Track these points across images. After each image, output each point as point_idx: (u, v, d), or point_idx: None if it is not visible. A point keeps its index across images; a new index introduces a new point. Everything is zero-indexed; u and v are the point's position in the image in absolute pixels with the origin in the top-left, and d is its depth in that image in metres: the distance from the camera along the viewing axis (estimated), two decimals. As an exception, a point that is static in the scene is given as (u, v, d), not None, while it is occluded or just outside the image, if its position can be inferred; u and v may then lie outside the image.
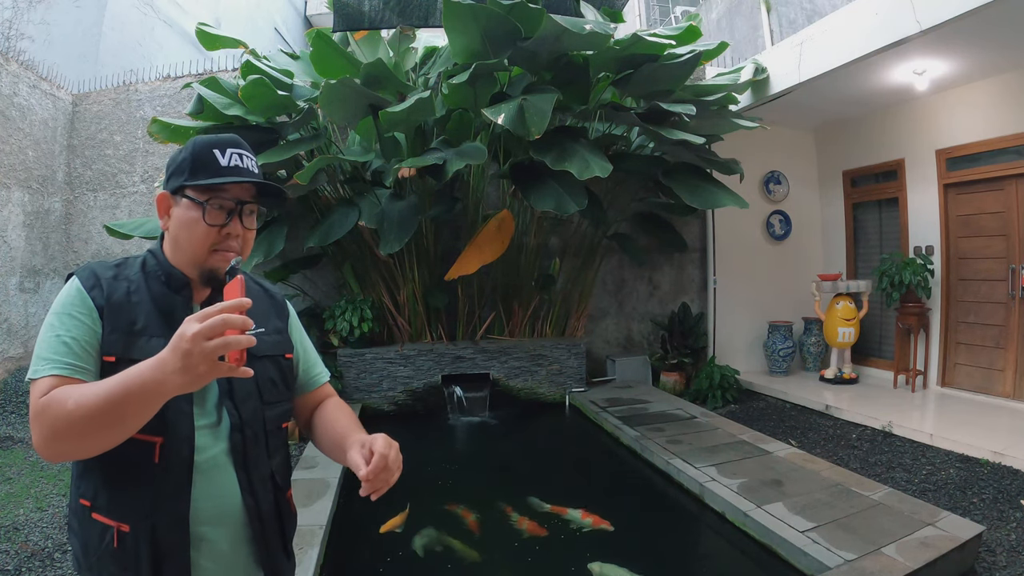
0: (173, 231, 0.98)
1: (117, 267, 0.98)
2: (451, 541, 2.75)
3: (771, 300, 6.27)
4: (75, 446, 0.79)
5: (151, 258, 1.01)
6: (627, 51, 4.03)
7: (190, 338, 0.71)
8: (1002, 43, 3.98)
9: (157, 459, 0.89)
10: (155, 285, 0.97)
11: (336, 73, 4.24)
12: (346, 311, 4.83)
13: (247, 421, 0.99)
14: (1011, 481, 3.27)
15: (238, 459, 0.97)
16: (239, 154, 0.98)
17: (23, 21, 6.33)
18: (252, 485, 0.98)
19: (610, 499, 3.31)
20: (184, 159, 0.97)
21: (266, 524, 1.00)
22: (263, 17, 10.55)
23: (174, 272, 0.98)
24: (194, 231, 0.95)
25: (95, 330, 0.89)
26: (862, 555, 2.27)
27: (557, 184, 4.21)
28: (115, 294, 0.93)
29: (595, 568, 2.57)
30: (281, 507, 1.05)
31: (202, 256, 0.96)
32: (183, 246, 0.97)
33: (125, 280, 0.96)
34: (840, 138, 6.20)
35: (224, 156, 0.96)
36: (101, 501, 0.90)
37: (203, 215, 0.94)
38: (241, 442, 0.97)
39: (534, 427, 4.95)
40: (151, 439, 0.88)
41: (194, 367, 0.72)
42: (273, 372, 1.06)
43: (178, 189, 0.96)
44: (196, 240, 0.95)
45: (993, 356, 4.78)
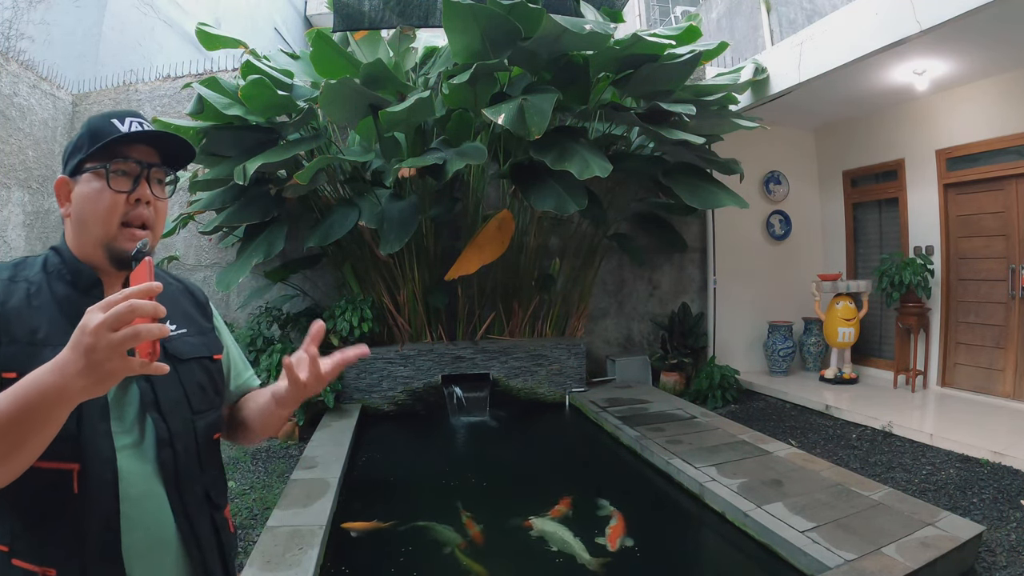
0: (76, 212, 0.87)
1: (15, 267, 0.86)
2: (451, 541, 2.75)
3: (771, 300, 6.27)
4: None
5: (53, 256, 0.88)
6: (627, 51, 4.03)
7: (93, 330, 0.61)
8: (1002, 43, 3.98)
9: (76, 489, 0.77)
10: (59, 286, 0.85)
11: (336, 73, 4.23)
12: (346, 311, 4.83)
13: (177, 434, 0.87)
14: (1011, 481, 3.27)
15: (169, 479, 0.85)
16: (139, 122, 0.89)
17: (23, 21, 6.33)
18: (186, 508, 0.87)
19: (610, 499, 3.31)
20: (80, 136, 0.88)
21: (204, 550, 0.90)
22: (263, 17, 10.55)
23: (82, 269, 0.87)
24: (100, 202, 0.85)
25: None
26: (862, 555, 2.27)
27: (557, 184, 4.21)
28: (11, 299, 0.80)
29: (535, 523, 2.87)
30: (219, 528, 0.94)
31: (111, 232, 0.85)
32: (89, 224, 0.86)
33: (24, 282, 0.83)
34: (840, 138, 6.20)
35: (124, 124, 0.87)
36: (20, 544, 0.77)
37: (107, 181, 0.84)
38: (172, 459, 0.86)
39: (534, 427, 4.95)
40: (66, 467, 0.76)
41: (100, 364, 0.61)
42: (201, 376, 0.95)
43: (77, 167, 0.87)
44: (103, 212, 0.85)
45: (993, 356, 4.78)
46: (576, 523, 2.93)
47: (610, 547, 2.64)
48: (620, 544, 2.65)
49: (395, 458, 4.11)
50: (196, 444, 0.92)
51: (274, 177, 4.76)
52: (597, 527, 2.81)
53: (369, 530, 2.85)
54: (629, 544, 2.67)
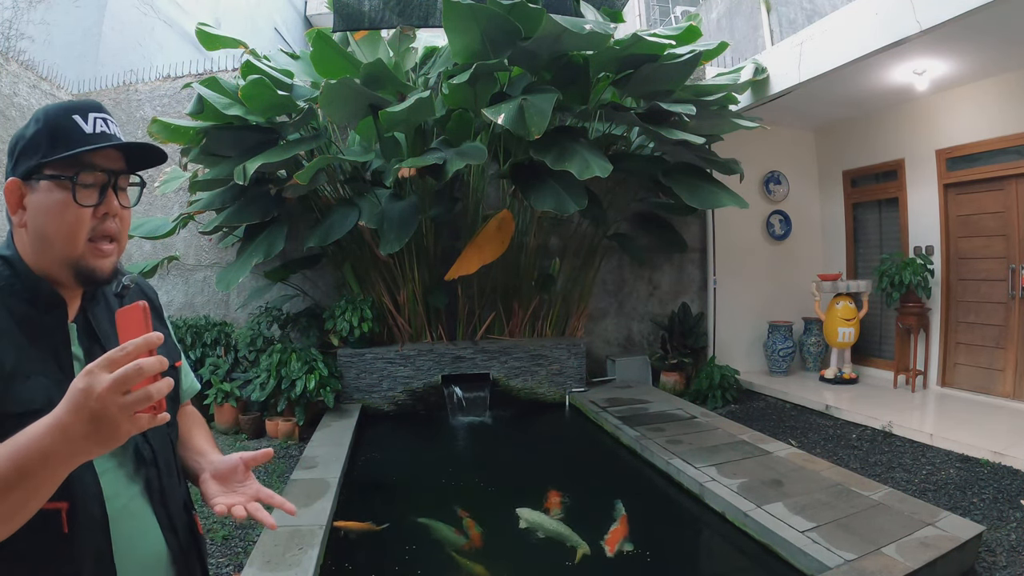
0: (34, 225, 0.76)
1: None
2: (451, 541, 2.75)
3: (771, 300, 6.27)
4: None
5: (4, 267, 0.77)
6: (627, 51, 4.03)
7: (100, 395, 0.57)
8: (1002, 43, 3.99)
9: (66, 528, 0.73)
10: (16, 304, 0.75)
11: (336, 73, 4.23)
12: (346, 311, 4.83)
13: (159, 451, 0.86)
14: (1011, 481, 3.27)
15: (155, 497, 0.84)
16: (103, 119, 0.79)
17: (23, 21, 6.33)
18: (172, 521, 0.87)
19: (610, 500, 3.31)
20: (37, 132, 0.77)
21: (188, 557, 0.90)
22: (263, 17, 10.55)
23: (42, 286, 0.77)
24: (64, 218, 0.75)
25: None
26: (862, 555, 2.27)
27: (557, 184, 4.21)
28: None
29: (523, 514, 2.92)
30: (195, 532, 0.94)
31: (78, 249, 0.77)
32: (52, 240, 0.76)
33: None
34: (840, 138, 6.20)
35: (88, 122, 0.77)
36: None
37: (73, 195, 0.75)
38: (157, 477, 0.85)
39: (534, 427, 4.95)
40: (54, 506, 0.71)
41: (111, 430, 0.59)
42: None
43: (33, 171, 0.76)
44: (68, 229, 0.76)
45: (993, 356, 4.78)
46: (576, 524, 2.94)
47: (608, 551, 2.61)
48: (619, 548, 2.62)
49: (395, 458, 4.11)
50: (173, 455, 0.91)
51: (274, 177, 4.76)
52: (597, 529, 2.81)
53: (363, 531, 2.85)
54: (629, 548, 2.64)
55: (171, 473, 0.89)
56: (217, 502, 0.85)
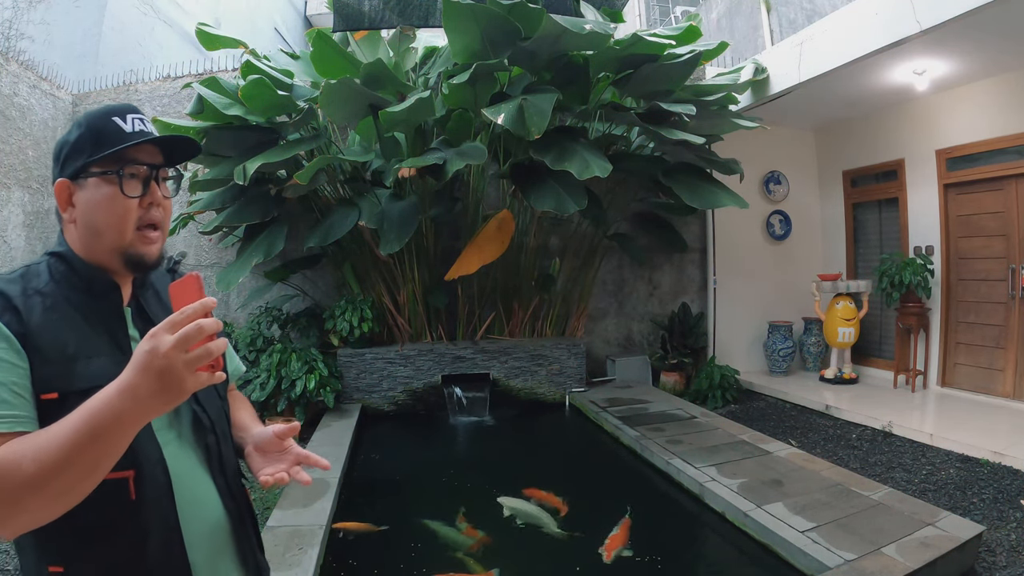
0: (85, 219, 0.83)
1: (22, 279, 0.81)
2: (451, 541, 2.75)
3: (771, 300, 6.27)
4: (43, 512, 0.66)
5: (58, 263, 0.84)
6: (627, 51, 4.03)
7: (166, 353, 0.62)
8: (1002, 43, 3.98)
9: (134, 495, 0.78)
10: (73, 294, 0.82)
11: (336, 73, 4.23)
12: (346, 311, 4.83)
13: (216, 420, 0.92)
14: (1011, 481, 3.27)
15: (214, 464, 0.90)
16: (140, 118, 0.86)
17: (23, 21, 6.33)
18: (230, 487, 0.92)
19: (610, 499, 3.31)
20: (81, 136, 0.84)
21: (245, 524, 0.95)
22: (263, 17, 10.55)
23: (96, 275, 0.85)
24: (113, 209, 0.82)
25: (21, 366, 0.73)
26: (862, 555, 2.27)
27: (557, 184, 4.21)
28: (33, 315, 0.77)
29: (505, 502, 3.02)
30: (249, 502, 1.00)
31: (127, 237, 0.84)
32: (103, 231, 0.83)
33: (37, 295, 0.79)
34: (840, 138, 6.20)
35: (127, 122, 0.84)
36: (78, 563, 0.77)
37: (120, 187, 0.82)
38: (216, 444, 0.91)
39: (534, 427, 4.95)
40: (121, 475, 0.76)
41: (176, 384, 0.64)
42: None
43: (80, 170, 0.82)
44: (117, 219, 0.83)
45: (993, 356, 4.78)
46: (576, 524, 2.94)
47: (605, 557, 2.55)
48: (616, 556, 2.57)
49: (395, 458, 4.10)
50: (228, 427, 0.98)
51: (274, 177, 4.76)
52: (597, 530, 2.80)
53: (361, 531, 2.84)
54: (627, 555, 2.59)
55: (227, 441, 0.95)
56: (262, 473, 0.90)
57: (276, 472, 0.88)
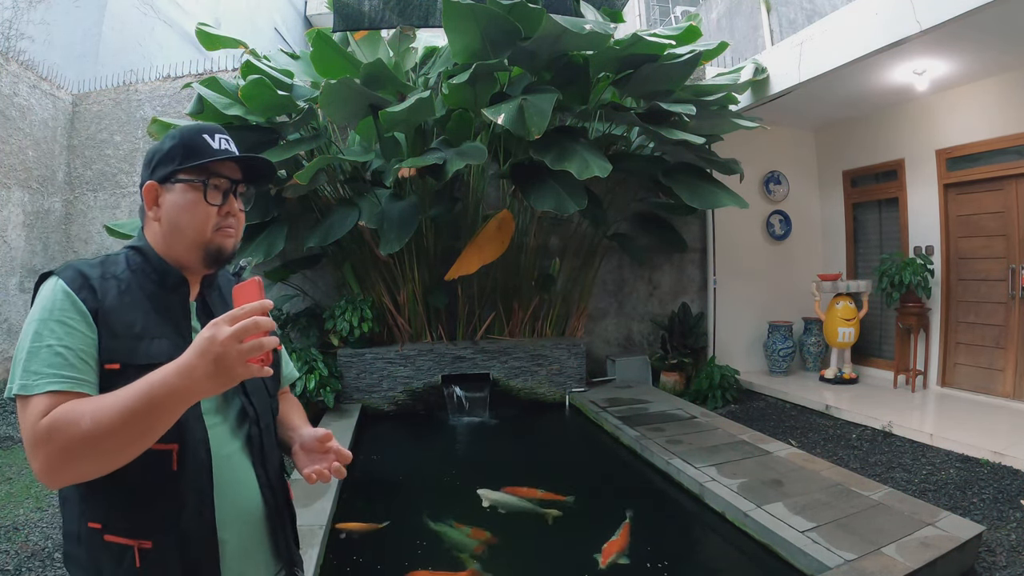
0: (169, 219, 0.94)
1: (102, 265, 0.92)
2: (451, 540, 2.75)
3: (771, 300, 6.27)
4: (90, 467, 0.75)
5: (135, 255, 0.95)
6: (627, 51, 4.03)
7: (223, 341, 0.70)
8: (1002, 43, 3.98)
9: (175, 467, 0.85)
10: (147, 283, 0.93)
11: (336, 73, 4.24)
12: (346, 311, 4.83)
13: (261, 414, 0.99)
14: (1011, 481, 3.27)
15: (255, 454, 0.96)
16: (227, 139, 0.98)
17: (23, 21, 6.33)
18: (270, 479, 0.98)
19: (610, 499, 3.31)
20: (174, 147, 0.95)
21: (282, 516, 1.00)
22: (263, 17, 10.55)
23: (170, 270, 0.95)
24: (196, 213, 0.93)
25: (91, 337, 0.83)
26: (862, 555, 2.27)
27: (557, 184, 4.21)
28: (108, 295, 0.87)
29: (484, 494, 3.09)
30: (289, 498, 1.06)
31: (207, 235, 0.94)
32: (184, 230, 0.93)
33: (113, 279, 0.90)
34: (840, 138, 6.20)
35: (215, 141, 0.95)
36: (116, 521, 0.84)
37: (204, 195, 0.93)
38: (259, 436, 0.97)
39: (534, 427, 4.95)
40: (166, 447, 0.84)
41: (228, 370, 0.72)
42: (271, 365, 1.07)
43: (169, 176, 0.93)
44: (199, 222, 0.93)
45: (993, 356, 4.78)
46: (576, 525, 2.94)
47: (600, 562, 2.50)
48: (613, 561, 2.50)
49: (395, 458, 4.10)
50: (273, 422, 1.04)
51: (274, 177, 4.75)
52: (595, 530, 2.80)
53: (363, 531, 2.84)
54: (623, 562, 2.51)
55: (270, 435, 1.02)
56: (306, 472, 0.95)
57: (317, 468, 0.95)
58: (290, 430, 1.08)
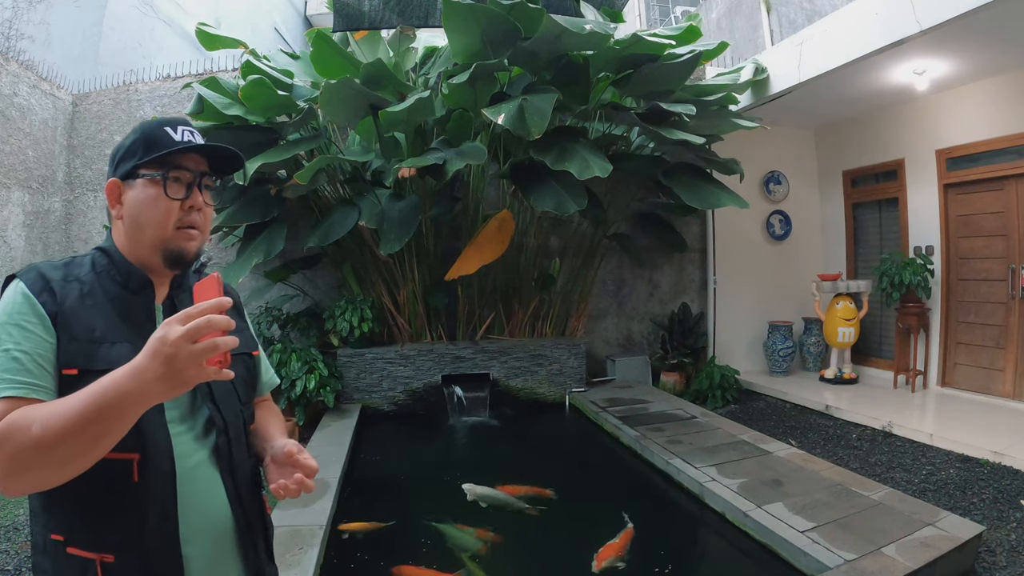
0: (130, 216, 0.91)
1: (65, 267, 0.89)
2: (451, 540, 2.75)
3: (771, 300, 6.27)
4: (43, 477, 0.71)
5: (101, 257, 0.92)
6: (627, 51, 4.03)
7: (174, 341, 0.66)
8: (1002, 43, 3.98)
9: (136, 478, 0.81)
10: (110, 286, 0.90)
11: (336, 73, 4.23)
12: (346, 311, 4.83)
13: (230, 422, 0.94)
14: (1011, 481, 3.27)
15: (224, 464, 0.92)
16: (190, 131, 0.93)
17: (23, 21, 6.33)
18: (239, 491, 0.93)
19: (610, 500, 3.31)
20: (134, 141, 0.91)
21: (253, 530, 0.96)
22: (263, 17, 10.55)
23: (133, 271, 0.91)
24: (156, 208, 0.89)
25: (49, 341, 0.80)
26: (862, 555, 2.27)
27: (557, 184, 4.21)
28: (68, 298, 0.84)
29: (469, 488, 3.12)
30: (262, 510, 1.02)
31: (167, 235, 0.90)
32: (145, 228, 0.90)
33: (76, 282, 0.87)
34: (840, 138, 6.21)
35: (177, 133, 0.91)
36: (77, 533, 0.81)
37: (164, 189, 0.89)
38: (227, 445, 0.93)
39: (534, 427, 4.95)
40: (127, 456, 0.80)
41: (180, 372, 0.67)
42: (242, 371, 1.02)
43: (130, 172, 0.90)
44: (159, 218, 0.89)
45: (993, 356, 4.78)
46: (575, 525, 2.94)
47: (595, 566, 2.45)
48: (608, 566, 2.46)
49: (395, 458, 4.10)
50: (244, 432, 0.99)
51: (274, 177, 4.76)
52: (593, 530, 2.80)
53: (367, 531, 2.84)
54: (620, 566, 2.47)
55: (240, 444, 0.96)
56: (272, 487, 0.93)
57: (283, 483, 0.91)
58: (264, 441, 1.04)
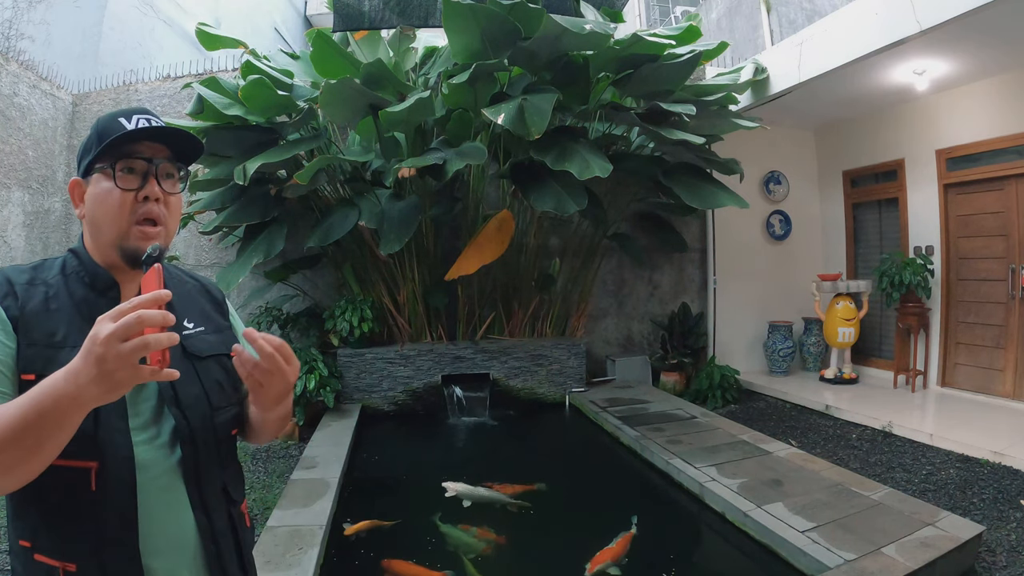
0: (89, 213, 0.87)
1: (34, 270, 0.87)
2: (451, 540, 2.75)
3: (771, 300, 6.27)
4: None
5: (72, 258, 0.89)
6: (627, 51, 4.03)
7: (103, 340, 0.62)
8: (1002, 43, 3.98)
9: (94, 487, 0.78)
10: (77, 288, 0.86)
11: (336, 73, 4.23)
12: (346, 311, 4.82)
13: (197, 430, 0.88)
14: (1011, 481, 3.27)
15: (189, 474, 0.87)
16: (147, 118, 0.88)
17: (23, 21, 6.32)
18: (204, 502, 0.89)
19: (610, 500, 3.31)
20: (89, 137, 0.88)
21: (221, 543, 0.91)
22: (263, 17, 10.55)
23: (99, 272, 0.88)
24: (109, 202, 0.84)
25: (8, 345, 0.78)
26: (862, 555, 2.27)
27: (557, 184, 4.21)
28: (31, 302, 0.82)
29: (449, 485, 3.15)
30: (236, 522, 0.96)
31: (124, 231, 0.85)
32: (101, 225, 0.86)
33: (43, 285, 0.84)
34: (840, 138, 6.20)
35: (131, 122, 0.86)
36: (42, 541, 0.80)
37: (114, 180, 0.84)
38: (193, 454, 0.87)
39: (534, 427, 4.95)
40: (84, 464, 0.77)
41: (111, 374, 0.63)
42: (219, 373, 0.95)
43: (87, 168, 0.87)
44: (112, 212, 0.85)
45: (993, 356, 4.78)
46: (574, 526, 2.93)
47: (588, 570, 2.41)
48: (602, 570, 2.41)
49: (395, 458, 4.10)
50: (216, 440, 0.92)
51: (274, 177, 4.76)
52: (593, 531, 2.80)
53: (370, 528, 2.84)
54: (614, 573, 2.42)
55: (210, 454, 0.91)
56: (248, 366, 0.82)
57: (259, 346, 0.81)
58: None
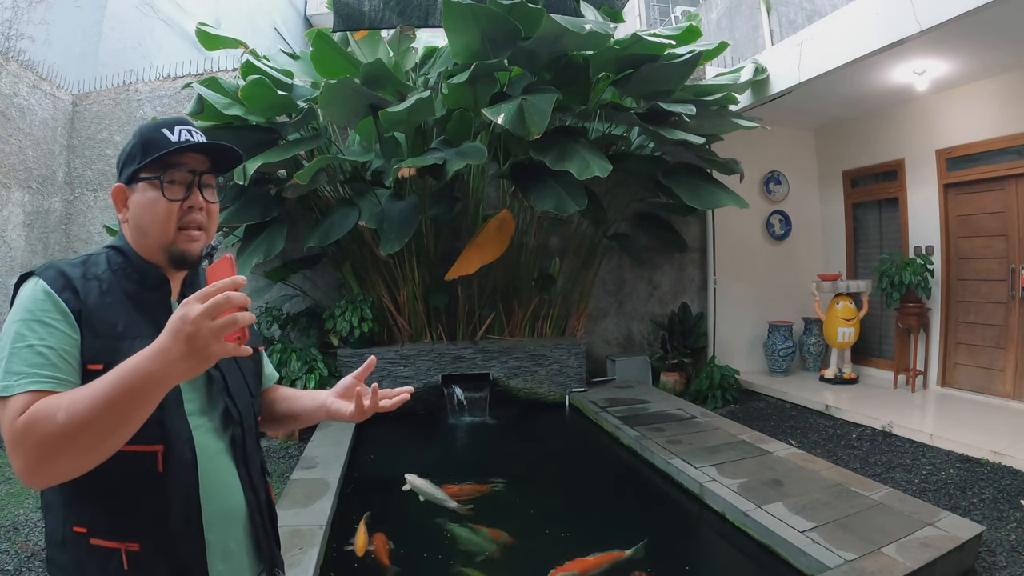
0: (135, 219, 0.93)
1: (83, 265, 0.91)
2: (451, 540, 2.75)
3: (771, 300, 6.27)
4: (71, 464, 0.72)
5: (115, 255, 0.94)
6: (627, 51, 4.03)
7: (194, 319, 0.68)
8: (1002, 43, 3.98)
9: (161, 468, 0.85)
10: (127, 284, 0.92)
11: (336, 73, 4.23)
12: (346, 311, 4.82)
13: (244, 415, 0.99)
14: (1011, 481, 3.27)
15: (238, 455, 0.97)
16: (188, 130, 0.94)
17: (23, 21, 6.32)
18: (252, 480, 0.98)
19: (610, 500, 3.31)
20: (134, 146, 0.93)
21: (264, 517, 1.01)
22: (263, 17, 10.55)
23: (149, 269, 0.94)
24: (156, 211, 0.91)
25: (73, 337, 0.82)
26: (862, 555, 2.27)
27: (557, 184, 4.21)
28: (90, 296, 0.87)
29: (410, 479, 3.23)
30: (270, 499, 1.06)
31: (169, 236, 0.92)
32: (148, 230, 0.92)
33: (95, 280, 0.89)
34: (840, 138, 6.20)
35: (174, 133, 0.92)
36: (102, 524, 0.84)
37: (162, 191, 0.91)
38: (241, 436, 0.97)
39: (534, 427, 4.95)
40: (151, 448, 0.84)
41: (201, 349, 0.69)
42: (252, 364, 1.08)
43: (132, 176, 0.92)
44: (160, 220, 0.91)
45: (993, 356, 4.78)
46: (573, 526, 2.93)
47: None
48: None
49: (395, 458, 4.10)
50: (255, 423, 1.05)
51: (274, 177, 4.76)
52: (591, 531, 2.80)
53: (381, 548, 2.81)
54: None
55: (253, 436, 1.02)
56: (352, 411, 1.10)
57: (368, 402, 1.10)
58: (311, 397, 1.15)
